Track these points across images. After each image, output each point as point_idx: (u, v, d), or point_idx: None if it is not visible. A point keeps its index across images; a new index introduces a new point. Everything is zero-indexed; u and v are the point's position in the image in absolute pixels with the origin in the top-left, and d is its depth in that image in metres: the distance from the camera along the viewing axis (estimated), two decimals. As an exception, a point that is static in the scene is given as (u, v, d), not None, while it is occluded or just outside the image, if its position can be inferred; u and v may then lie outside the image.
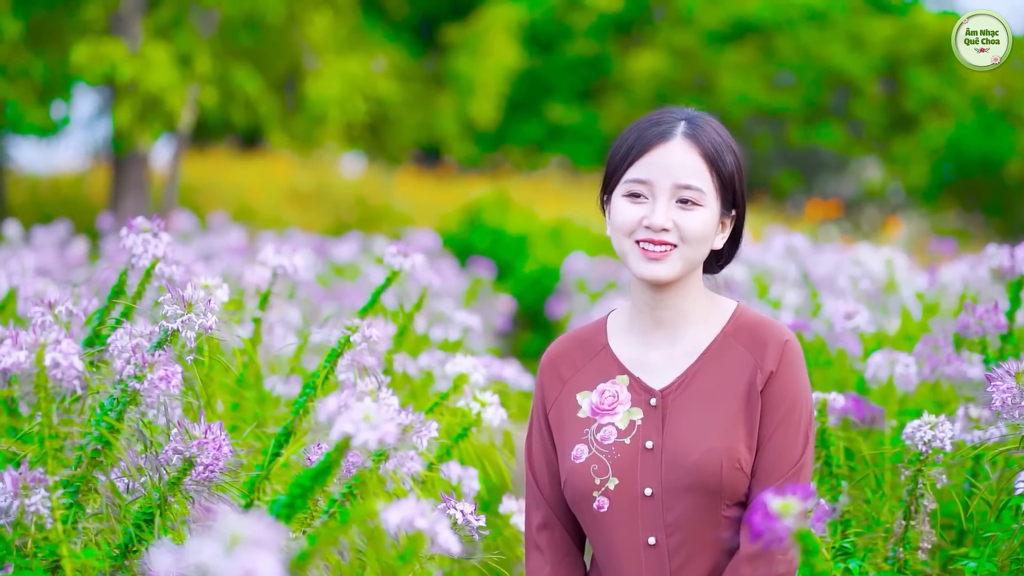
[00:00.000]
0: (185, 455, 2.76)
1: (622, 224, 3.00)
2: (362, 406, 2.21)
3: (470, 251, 14.87)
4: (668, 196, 2.95)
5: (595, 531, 3.02)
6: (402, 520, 2.19)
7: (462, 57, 19.06)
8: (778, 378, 2.94)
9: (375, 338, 3.32)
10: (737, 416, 2.93)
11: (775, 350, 2.96)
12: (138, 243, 3.57)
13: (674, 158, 2.96)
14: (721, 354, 3.01)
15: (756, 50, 29.06)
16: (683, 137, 2.98)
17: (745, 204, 3.08)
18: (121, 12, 14.49)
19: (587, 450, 3.00)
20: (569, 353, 3.16)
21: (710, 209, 2.98)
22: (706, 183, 2.96)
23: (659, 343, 3.06)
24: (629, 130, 3.07)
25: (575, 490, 3.00)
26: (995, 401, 2.92)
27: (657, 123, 3.03)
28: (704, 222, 2.97)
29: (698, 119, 3.04)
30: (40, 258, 7.90)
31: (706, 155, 2.97)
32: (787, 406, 2.94)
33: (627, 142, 3.04)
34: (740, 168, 3.05)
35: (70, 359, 2.67)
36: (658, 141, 2.99)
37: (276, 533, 1.63)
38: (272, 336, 4.94)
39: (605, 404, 3.03)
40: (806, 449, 2.94)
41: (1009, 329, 4.18)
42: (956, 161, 27.20)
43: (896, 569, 3.34)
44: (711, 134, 3.01)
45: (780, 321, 3.37)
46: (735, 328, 3.03)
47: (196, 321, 3.03)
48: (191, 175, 20.29)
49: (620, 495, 2.95)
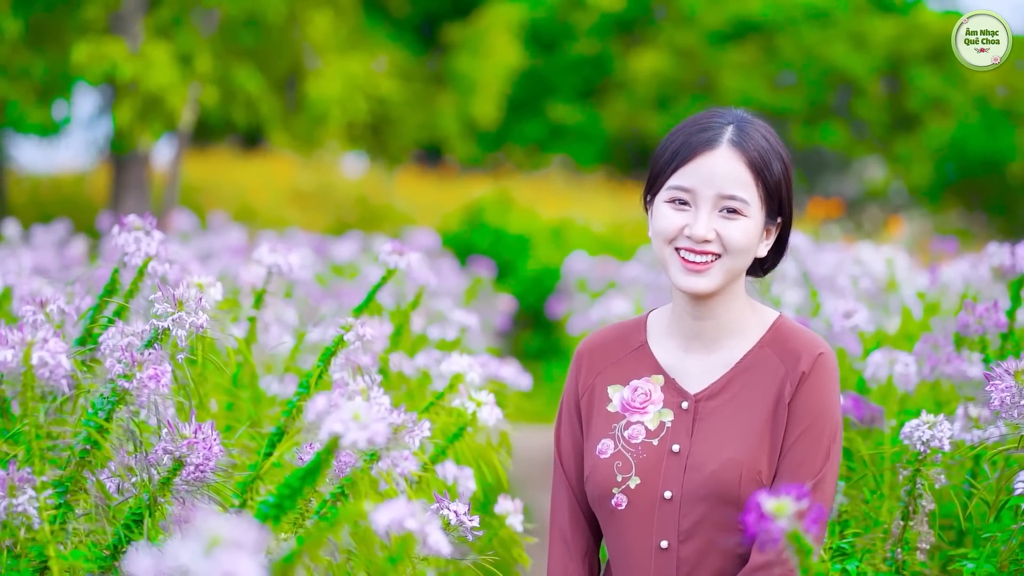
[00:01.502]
0: (175, 455, 2.73)
1: (663, 230, 2.94)
2: (352, 405, 2.19)
3: (471, 251, 14.85)
4: (711, 206, 2.90)
5: (609, 529, 3.01)
6: (392, 521, 2.16)
7: (464, 57, 19.04)
8: (806, 389, 2.91)
9: (369, 337, 3.30)
10: (763, 427, 2.91)
11: (807, 361, 2.93)
12: (130, 241, 3.55)
13: (719, 167, 2.90)
14: (756, 364, 2.97)
15: (758, 49, 29.03)
16: (729, 145, 2.92)
17: (792, 211, 3.02)
18: (122, 11, 14.47)
19: (613, 446, 2.99)
20: (607, 344, 3.12)
21: (754, 219, 2.92)
22: (750, 193, 2.91)
23: (697, 349, 3.03)
24: (675, 132, 3.00)
25: (596, 485, 2.99)
26: (994, 400, 2.90)
27: (704, 128, 2.96)
28: (747, 232, 2.91)
29: (746, 124, 2.97)
30: (38, 257, 7.88)
31: (752, 164, 2.91)
32: (812, 418, 2.90)
33: (672, 145, 2.97)
34: (788, 175, 2.99)
35: (58, 358, 2.65)
36: (704, 148, 2.92)
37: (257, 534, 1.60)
38: (268, 335, 4.92)
39: (637, 402, 3.01)
40: (827, 463, 2.90)
41: (1009, 328, 4.16)
42: (959, 161, 27.17)
43: (895, 570, 3.32)
44: (758, 141, 2.95)
45: None
46: (772, 339, 2.99)
47: (187, 319, 3.01)
48: (192, 175, 20.28)
49: (639, 495, 2.94)
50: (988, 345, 4.08)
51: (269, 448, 3.11)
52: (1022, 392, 2.89)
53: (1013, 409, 2.89)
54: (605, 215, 20.10)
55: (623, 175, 28.35)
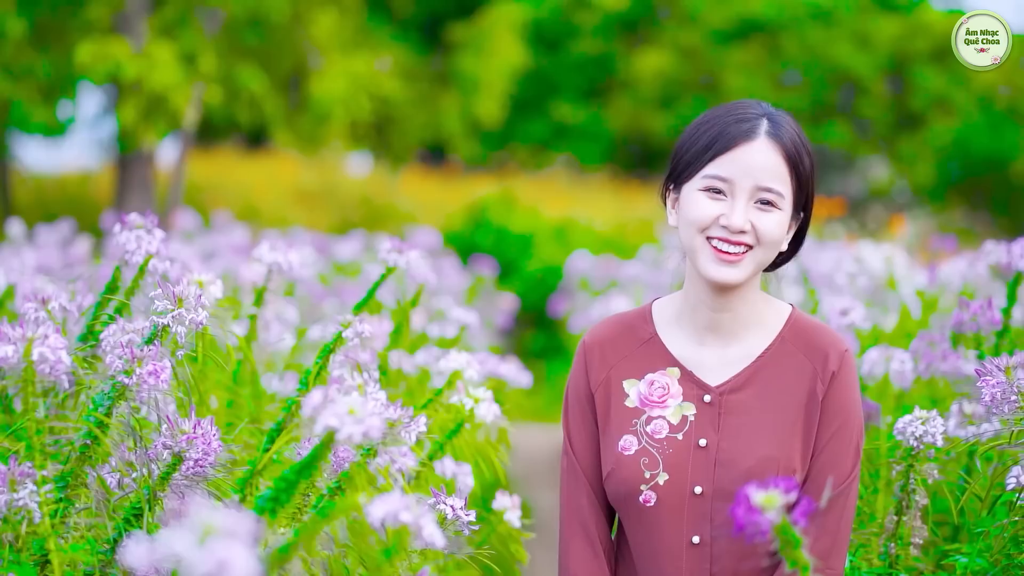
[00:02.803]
0: (174, 450, 2.76)
1: (697, 218, 2.91)
2: (347, 400, 2.21)
3: (474, 250, 14.87)
4: (748, 197, 2.89)
5: (637, 526, 2.98)
6: (386, 514, 2.19)
7: (467, 56, 19.03)
8: (837, 387, 2.91)
9: (368, 334, 3.32)
10: (795, 425, 2.90)
11: (836, 358, 2.93)
12: (131, 239, 3.58)
13: (758, 158, 2.90)
14: (779, 359, 2.96)
15: (762, 49, 29.05)
16: (767, 137, 2.92)
17: (812, 203, 3.02)
18: (126, 11, 14.49)
19: (636, 442, 2.96)
20: (615, 337, 3.09)
21: (786, 212, 2.93)
22: (785, 186, 2.91)
23: (712, 342, 3.01)
24: (707, 121, 2.98)
25: (622, 482, 2.96)
26: (985, 396, 2.93)
27: (741, 119, 2.94)
28: (780, 225, 2.91)
29: (778, 117, 2.97)
30: (42, 256, 7.91)
31: (788, 157, 2.92)
32: (843, 417, 2.91)
33: (708, 134, 2.95)
34: (815, 171, 3.00)
35: (58, 354, 2.68)
36: (743, 139, 2.91)
37: (250, 524, 1.62)
38: (269, 333, 4.94)
39: (655, 396, 2.98)
40: (855, 465, 2.91)
41: (1004, 325, 4.18)
42: (962, 160, 27.18)
43: (888, 564, 3.34)
44: (792, 134, 2.95)
45: None
46: (793, 333, 2.99)
47: (187, 316, 3.03)
48: (197, 174, 20.32)
49: (669, 491, 2.92)
50: (983, 342, 4.10)
51: (268, 444, 3.14)
52: (1013, 388, 2.91)
53: (1004, 404, 2.92)
54: (608, 214, 20.12)
55: (627, 174, 28.40)
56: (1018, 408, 2.92)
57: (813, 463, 2.90)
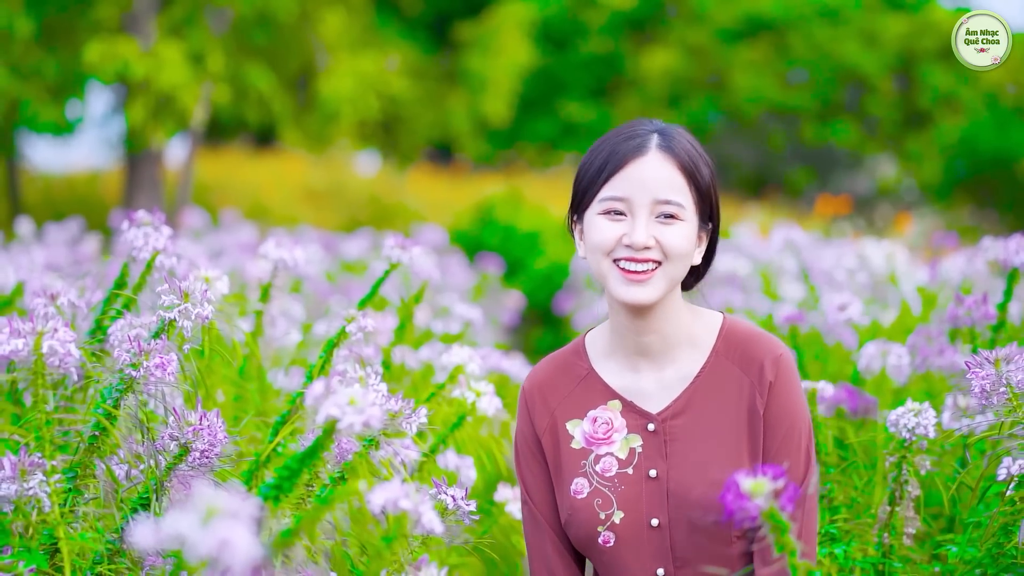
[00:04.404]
0: (181, 441, 2.81)
1: (600, 243, 2.87)
2: (348, 391, 2.27)
3: (481, 248, 14.91)
4: (648, 212, 2.84)
5: (602, 565, 2.93)
6: (387, 501, 2.24)
7: (475, 55, 19.05)
8: (776, 397, 2.85)
9: (370, 329, 3.38)
10: (740, 442, 2.85)
11: (771, 367, 2.87)
12: (139, 236, 3.65)
13: (651, 172, 2.84)
14: (716, 377, 2.91)
15: (770, 47, 29.06)
16: (658, 150, 2.86)
17: (719, 216, 2.97)
18: (134, 11, 14.57)
19: (588, 484, 2.91)
20: (552, 379, 3.04)
21: (690, 223, 2.87)
22: (685, 197, 2.85)
23: (646, 367, 2.96)
24: (599, 146, 2.93)
25: (579, 527, 2.92)
26: (975, 388, 2.96)
27: (629, 136, 2.90)
28: (685, 237, 2.85)
29: (670, 130, 2.91)
30: (51, 255, 7.96)
31: (683, 167, 2.86)
32: (787, 424, 2.85)
33: (599, 158, 2.91)
34: (715, 179, 2.93)
35: (67, 346, 2.74)
36: (633, 155, 2.86)
37: (252, 507, 1.68)
38: (275, 329, 5.00)
39: (600, 433, 2.93)
40: (809, 468, 2.87)
41: (1000, 320, 4.21)
42: (969, 158, 27.16)
43: (882, 555, 3.39)
44: (685, 145, 2.89)
45: (778, 316, 3.34)
46: (726, 347, 2.93)
47: (193, 311, 3.09)
48: (205, 173, 20.38)
49: (627, 528, 2.88)
50: (977, 337, 4.15)
51: (273, 435, 3.19)
52: (1002, 380, 2.95)
53: (992, 396, 2.96)
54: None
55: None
56: (1007, 400, 2.96)
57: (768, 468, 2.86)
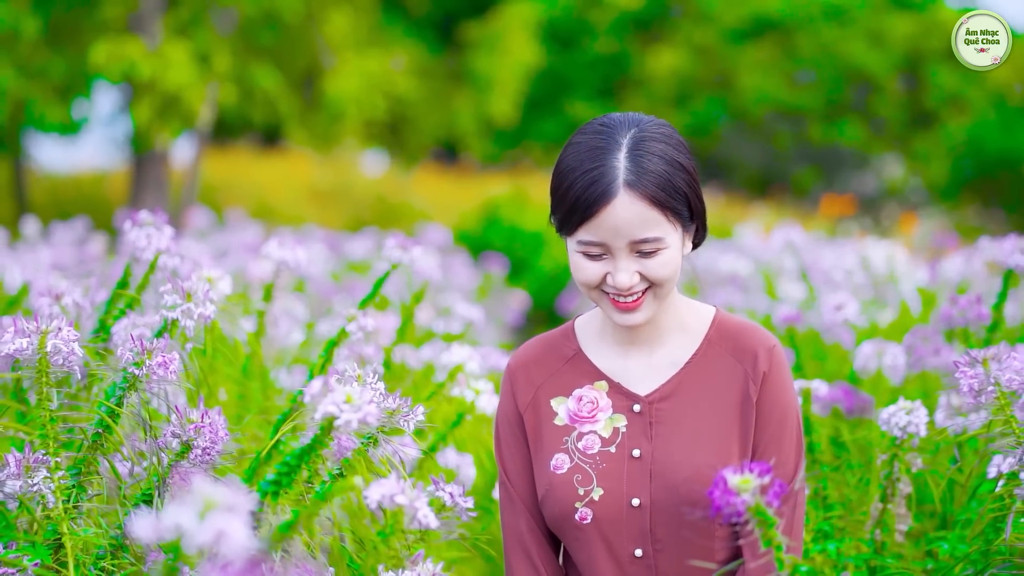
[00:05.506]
0: (183, 439, 2.85)
1: (586, 280, 2.82)
2: (345, 388, 2.31)
3: (486, 248, 14.96)
4: (626, 253, 2.76)
5: (577, 544, 2.89)
6: (383, 496, 2.29)
7: (481, 55, 19.06)
8: (770, 387, 2.83)
9: (370, 328, 3.42)
10: (730, 429, 2.82)
11: (765, 357, 2.85)
12: (142, 236, 3.69)
13: (622, 216, 2.73)
14: (707, 363, 2.89)
15: (776, 47, 29.09)
16: (626, 190, 2.72)
17: (704, 205, 2.88)
18: (140, 11, 14.62)
19: (568, 460, 2.87)
20: (539, 357, 3.01)
21: (673, 246, 2.79)
22: (662, 227, 2.75)
23: (636, 352, 2.93)
24: (566, 176, 2.79)
25: (556, 502, 2.87)
26: (963, 387, 3.00)
27: (595, 179, 2.75)
28: (669, 262, 2.78)
29: (637, 148, 2.77)
30: (57, 254, 8.02)
31: (655, 201, 2.74)
32: (779, 415, 2.84)
33: (570, 196, 2.77)
34: (693, 179, 2.82)
35: (71, 345, 2.79)
36: (600, 203, 2.73)
37: (248, 500, 1.73)
38: (278, 329, 5.04)
39: (584, 411, 2.91)
40: (799, 459, 2.85)
41: (995, 320, 4.24)
42: (976, 158, 27.16)
43: (874, 551, 3.43)
44: (655, 164, 2.76)
45: (777, 316, 3.36)
46: (718, 335, 2.91)
47: (195, 311, 3.14)
48: (211, 173, 20.44)
49: (605, 506, 2.83)
50: (971, 336, 4.18)
51: (275, 433, 3.23)
52: (990, 379, 2.99)
53: (982, 395, 2.99)
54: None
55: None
56: (995, 399, 2.99)
57: (755, 464, 2.82)
